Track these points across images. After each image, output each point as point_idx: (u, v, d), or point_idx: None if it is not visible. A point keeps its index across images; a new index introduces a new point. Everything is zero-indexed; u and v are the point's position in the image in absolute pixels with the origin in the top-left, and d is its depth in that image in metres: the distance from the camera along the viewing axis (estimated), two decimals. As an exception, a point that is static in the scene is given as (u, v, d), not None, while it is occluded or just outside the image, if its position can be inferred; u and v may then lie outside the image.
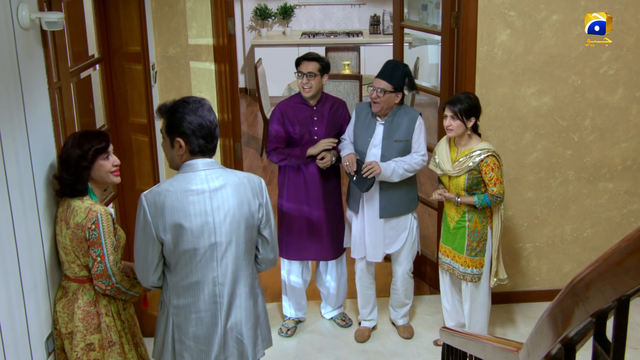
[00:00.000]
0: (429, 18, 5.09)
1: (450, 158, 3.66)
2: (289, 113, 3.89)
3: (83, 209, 2.68)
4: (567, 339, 1.32)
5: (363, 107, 3.90)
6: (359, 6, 9.90)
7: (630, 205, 4.37)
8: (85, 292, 2.75)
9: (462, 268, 3.72)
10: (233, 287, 2.57)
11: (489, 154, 3.54)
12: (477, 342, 2.43)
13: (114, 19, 3.66)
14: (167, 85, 3.95)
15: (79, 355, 2.73)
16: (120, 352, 2.81)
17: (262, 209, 2.58)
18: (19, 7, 2.49)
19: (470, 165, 3.55)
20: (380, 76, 3.73)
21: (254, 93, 9.84)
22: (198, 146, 2.49)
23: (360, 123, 3.85)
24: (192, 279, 2.54)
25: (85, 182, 2.73)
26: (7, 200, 2.43)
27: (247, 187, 2.55)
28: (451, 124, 3.56)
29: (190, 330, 2.58)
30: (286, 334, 4.21)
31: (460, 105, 3.54)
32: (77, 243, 2.69)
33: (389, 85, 3.68)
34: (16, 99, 2.50)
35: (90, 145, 2.71)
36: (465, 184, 3.59)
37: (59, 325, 2.78)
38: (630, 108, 4.18)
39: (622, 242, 1.06)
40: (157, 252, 2.51)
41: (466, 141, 3.62)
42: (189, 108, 2.48)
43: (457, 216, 3.68)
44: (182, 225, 2.46)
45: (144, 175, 3.85)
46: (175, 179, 2.52)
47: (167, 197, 2.46)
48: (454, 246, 3.73)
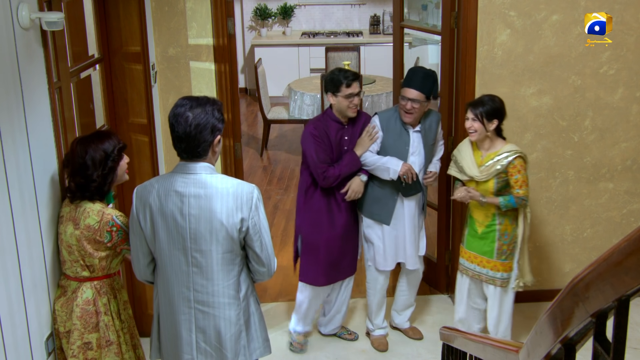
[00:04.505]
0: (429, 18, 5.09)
1: (475, 162, 3.59)
2: (320, 134, 3.68)
3: (95, 211, 2.69)
4: (567, 339, 1.32)
5: (387, 117, 3.75)
6: (359, 6, 9.90)
7: (630, 205, 4.37)
8: (84, 291, 2.75)
9: (492, 272, 3.63)
10: (210, 296, 2.52)
11: (516, 155, 3.48)
12: (477, 342, 2.43)
13: (114, 19, 3.66)
14: (167, 85, 3.95)
15: (74, 353, 2.72)
16: (118, 352, 2.81)
17: (245, 223, 2.45)
18: (19, 7, 2.49)
19: (499, 169, 3.49)
20: (411, 86, 3.61)
21: (254, 93, 9.84)
22: (179, 150, 2.48)
23: (391, 134, 3.72)
24: (167, 280, 2.55)
25: (111, 183, 2.76)
26: (8, 200, 2.43)
27: (229, 198, 2.43)
28: (472, 126, 3.50)
29: (167, 329, 2.60)
30: (301, 350, 4.07)
31: (482, 108, 3.48)
32: (84, 244, 2.70)
33: (422, 95, 3.60)
34: (16, 99, 2.50)
35: (113, 145, 2.75)
36: (495, 188, 3.52)
37: (57, 324, 2.78)
38: (630, 108, 4.18)
39: (622, 242, 1.06)
40: (144, 245, 2.55)
41: (489, 144, 3.56)
42: (178, 112, 2.46)
43: (487, 220, 3.60)
44: (157, 223, 2.47)
45: (144, 175, 3.84)
46: (165, 176, 2.53)
47: (151, 193, 2.48)
48: (483, 251, 3.64)
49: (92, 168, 2.69)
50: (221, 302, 2.54)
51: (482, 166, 3.55)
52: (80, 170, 2.70)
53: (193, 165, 2.46)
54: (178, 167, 2.49)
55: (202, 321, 2.55)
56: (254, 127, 8.79)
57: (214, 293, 2.52)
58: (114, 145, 2.75)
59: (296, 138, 8.24)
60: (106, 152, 2.72)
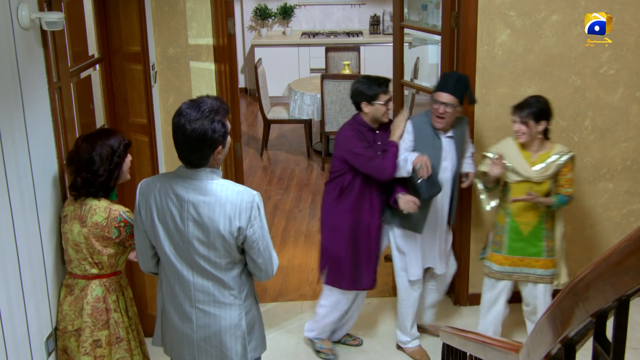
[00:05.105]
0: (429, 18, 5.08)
1: (527, 163, 3.53)
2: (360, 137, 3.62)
3: (102, 208, 2.73)
4: (567, 339, 1.32)
5: (419, 122, 3.67)
6: (359, 6, 9.90)
7: (630, 205, 4.37)
8: (94, 289, 2.78)
9: (542, 270, 3.62)
10: (210, 297, 2.53)
11: (570, 155, 3.50)
12: (477, 342, 2.43)
13: (114, 19, 3.66)
14: (167, 85, 3.95)
15: (87, 350, 2.75)
16: (127, 348, 2.84)
17: (242, 231, 2.42)
18: (19, 7, 2.49)
19: (555, 170, 3.49)
20: (444, 90, 3.54)
21: (254, 93, 9.84)
22: (180, 156, 2.46)
23: (423, 140, 3.64)
24: (168, 278, 2.56)
25: (117, 179, 2.79)
26: (7, 200, 2.43)
27: (228, 206, 2.41)
28: (521, 129, 3.46)
29: (170, 324, 2.62)
30: (334, 356, 3.98)
31: (528, 110, 3.44)
32: (93, 241, 2.72)
33: (455, 99, 3.54)
34: (16, 99, 2.50)
35: (118, 141, 2.78)
36: (549, 189, 3.52)
37: (65, 323, 2.79)
38: (630, 108, 4.18)
39: (622, 242, 1.06)
40: (147, 238, 2.56)
41: (538, 146, 3.53)
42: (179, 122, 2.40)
43: (535, 220, 3.57)
44: (157, 222, 2.48)
45: (143, 176, 3.83)
46: (168, 175, 2.51)
47: (153, 191, 2.48)
48: (530, 252, 3.61)
49: (98, 163, 2.72)
50: (222, 303, 2.54)
51: (536, 167, 3.52)
52: (87, 165, 2.72)
53: (195, 171, 2.45)
54: (180, 170, 2.48)
55: (203, 320, 2.55)
56: (254, 127, 8.79)
57: (214, 294, 2.53)
58: (120, 141, 2.80)
59: (296, 138, 8.24)
60: (112, 148, 2.76)
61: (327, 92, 6.96)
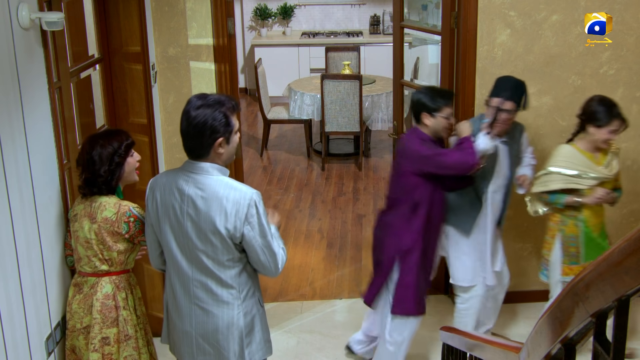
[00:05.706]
0: (429, 18, 5.08)
1: (595, 164, 3.51)
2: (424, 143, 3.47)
3: (112, 204, 2.77)
4: (567, 339, 1.32)
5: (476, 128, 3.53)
6: (359, 6, 9.90)
7: (630, 205, 4.37)
8: (103, 286, 2.80)
9: None
10: (208, 294, 2.54)
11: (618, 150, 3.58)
12: (477, 343, 2.43)
13: (114, 19, 3.66)
14: (167, 85, 3.95)
15: (96, 347, 2.77)
16: (135, 346, 2.86)
17: (238, 230, 2.43)
18: (18, 7, 2.49)
19: (616, 164, 3.53)
20: (504, 96, 3.46)
21: (254, 93, 9.84)
22: (184, 147, 2.50)
23: None
24: (170, 273, 2.61)
25: (119, 178, 2.82)
26: (7, 201, 2.43)
27: (226, 204, 2.42)
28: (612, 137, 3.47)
29: (172, 319, 2.66)
30: None
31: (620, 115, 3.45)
32: (104, 236, 2.75)
33: (514, 105, 3.49)
34: (16, 99, 2.50)
35: (120, 142, 2.80)
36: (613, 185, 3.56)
37: (74, 322, 2.81)
38: (630, 108, 4.18)
39: (622, 242, 1.06)
40: (153, 232, 2.61)
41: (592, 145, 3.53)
42: (185, 109, 2.47)
43: (600, 220, 3.57)
44: (161, 216, 2.53)
45: (144, 175, 3.84)
46: (173, 171, 2.56)
47: (158, 185, 2.55)
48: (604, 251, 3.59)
49: (98, 163, 2.75)
50: (219, 301, 2.54)
51: (602, 166, 3.52)
52: (88, 165, 2.76)
53: (198, 165, 2.48)
54: (185, 164, 2.52)
55: (201, 317, 2.56)
56: (254, 127, 8.78)
57: (212, 291, 2.54)
58: (121, 141, 2.82)
59: (296, 138, 8.24)
60: (113, 148, 2.78)
61: (327, 92, 6.96)
